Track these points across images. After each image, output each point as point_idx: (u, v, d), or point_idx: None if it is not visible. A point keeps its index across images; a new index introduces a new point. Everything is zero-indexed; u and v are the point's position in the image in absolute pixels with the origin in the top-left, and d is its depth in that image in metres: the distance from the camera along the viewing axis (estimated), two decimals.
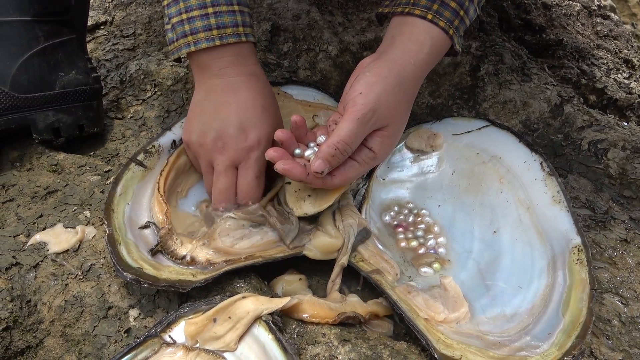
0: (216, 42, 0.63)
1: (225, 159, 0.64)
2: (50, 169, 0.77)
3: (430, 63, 0.64)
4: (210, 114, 0.64)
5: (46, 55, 0.77)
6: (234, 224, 0.66)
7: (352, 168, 0.60)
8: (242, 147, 0.64)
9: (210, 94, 0.65)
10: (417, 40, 0.61)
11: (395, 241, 0.71)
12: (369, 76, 0.58)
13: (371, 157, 0.60)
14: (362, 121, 0.56)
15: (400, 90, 0.59)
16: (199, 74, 0.66)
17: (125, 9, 1.14)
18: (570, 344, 0.52)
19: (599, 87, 1.02)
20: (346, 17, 1.03)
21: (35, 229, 0.68)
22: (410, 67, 0.60)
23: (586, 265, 0.59)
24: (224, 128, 0.63)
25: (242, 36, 0.64)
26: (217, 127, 0.64)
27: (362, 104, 0.56)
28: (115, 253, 0.58)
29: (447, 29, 0.62)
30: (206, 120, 0.65)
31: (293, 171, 0.57)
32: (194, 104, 0.67)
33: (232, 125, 0.63)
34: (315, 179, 0.58)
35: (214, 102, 0.65)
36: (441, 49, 0.64)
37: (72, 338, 0.58)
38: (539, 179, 0.68)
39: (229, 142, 0.63)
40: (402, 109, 0.61)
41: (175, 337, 0.53)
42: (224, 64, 0.64)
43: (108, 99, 0.94)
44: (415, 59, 0.61)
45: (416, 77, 0.62)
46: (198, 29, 0.62)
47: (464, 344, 0.54)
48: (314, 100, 0.85)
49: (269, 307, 0.53)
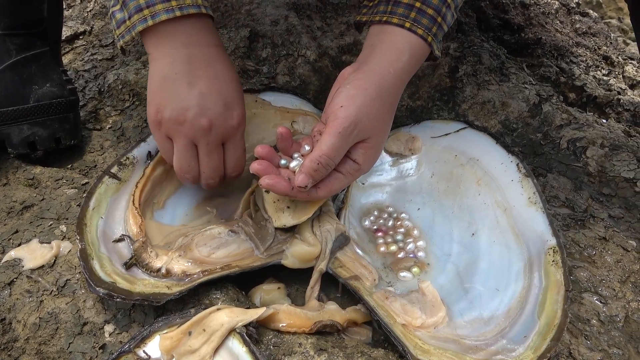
0: (176, 12, 0.59)
1: (214, 139, 0.63)
2: (27, 183, 0.77)
3: (410, 71, 0.64)
4: (185, 88, 0.60)
5: (19, 69, 0.76)
6: (212, 232, 0.66)
7: (337, 180, 0.60)
8: (229, 126, 0.63)
9: (178, 65, 0.61)
10: (396, 49, 0.61)
11: (375, 246, 0.71)
12: (349, 89, 0.58)
13: (355, 168, 0.60)
14: (344, 135, 0.56)
15: (381, 101, 0.59)
16: (159, 45, 0.61)
17: (104, 18, 1.13)
18: (545, 346, 0.52)
19: (578, 85, 1.03)
20: (325, 22, 1.03)
21: (10, 245, 0.67)
22: (390, 77, 0.60)
23: (561, 266, 0.59)
24: (208, 106, 0.61)
25: (201, 7, 0.61)
26: (199, 103, 0.60)
27: (343, 117, 0.56)
28: (87, 268, 0.57)
29: (426, 36, 0.62)
30: (183, 96, 0.60)
31: (277, 186, 0.57)
32: (158, 78, 0.62)
33: (217, 103, 0.61)
34: (299, 192, 0.58)
35: (188, 75, 0.61)
36: (420, 56, 0.64)
37: (48, 356, 0.58)
38: (515, 180, 0.68)
39: (216, 121, 0.61)
40: (383, 119, 0.61)
41: (149, 352, 0.53)
42: (189, 34, 0.61)
43: (86, 110, 0.93)
44: (395, 68, 0.60)
45: (396, 87, 0.62)
46: (155, 1, 0.59)
47: (441, 349, 0.54)
48: (293, 106, 0.84)
49: (243, 319, 0.53)
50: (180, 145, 0.63)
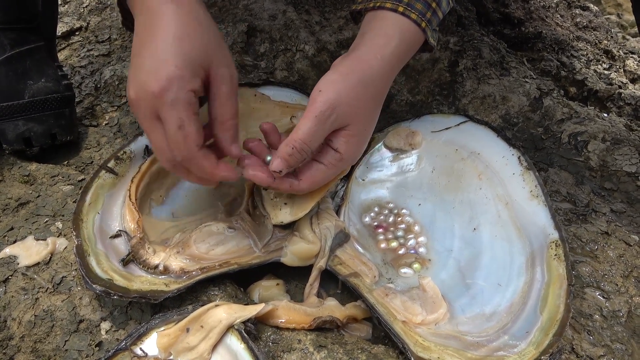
0: None
1: (142, 113, 0.53)
2: (22, 180, 0.76)
3: (401, 57, 0.62)
4: (133, 61, 0.54)
5: (13, 64, 0.75)
6: (211, 229, 0.65)
7: (319, 171, 0.59)
8: (150, 92, 0.51)
9: (136, 35, 0.55)
10: (386, 34, 0.60)
11: (375, 242, 0.70)
12: (330, 74, 0.57)
13: (337, 158, 0.59)
14: (320, 119, 0.55)
15: (364, 88, 0.58)
16: (133, 14, 0.57)
17: (100, 14, 1.12)
18: (548, 342, 0.51)
19: (579, 79, 1.02)
20: (323, 16, 1.02)
21: (6, 242, 0.66)
22: (376, 63, 0.58)
23: (564, 260, 0.58)
24: (135, 75, 0.53)
25: None
26: (131, 77, 0.53)
27: (321, 101, 0.55)
28: (84, 265, 0.56)
29: (419, 21, 0.60)
30: (132, 67, 0.54)
31: (259, 176, 0.56)
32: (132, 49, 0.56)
33: (143, 70, 0.52)
34: (281, 183, 0.57)
35: (136, 45, 0.54)
36: (413, 43, 0.62)
37: (43, 354, 0.57)
38: (517, 173, 0.68)
39: (139, 90, 0.52)
40: (366, 107, 0.59)
41: (146, 350, 0.52)
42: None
43: (83, 106, 0.92)
44: (383, 54, 0.59)
45: (384, 73, 0.60)
46: None
47: (442, 346, 0.53)
48: (292, 101, 0.84)
49: (241, 315, 0.52)
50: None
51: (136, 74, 0.53)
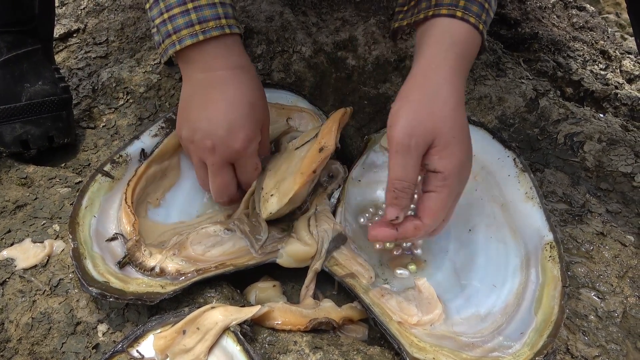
0: (199, 37, 0.61)
1: (217, 160, 0.64)
2: (20, 183, 0.76)
3: (465, 63, 0.59)
4: (197, 111, 0.64)
5: (10, 67, 0.75)
6: (207, 231, 0.65)
7: (431, 200, 0.56)
8: (233, 149, 0.63)
9: (196, 89, 0.64)
10: (447, 42, 0.58)
11: (371, 243, 0.70)
12: (393, 105, 0.57)
13: (441, 178, 0.56)
14: (403, 152, 0.55)
15: (430, 100, 0.56)
16: (186, 68, 0.65)
17: (97, 15, 1.12)
18: (542, 343, 0.52)
19: (575, 80, 1.02)
20: (320, 17, 1.02)
21: (3, 244, 0.66)
22: (436, 74, 0.57)
23: (558, 262, 0.58)
24: (211, 129, 0.62)
25: (225, 28, 0.62)
26: (204, 127, 0.63)
27: (394, 136, 0.55)
28: (80, 267, 0.57)
29: (477, 24, 0.58)
30: (194, 118, 0.64)
31: (380, 233, 0.58)
32: (182, 99, 0.66)
33: (221, 127, 0.62)
34: (406, 229, 0.57)
35: (201, 98, 0.64)
36: (473, 46, 0.60)
37: (41, 356, 0.57)
38: (512, 175, 0.68)
39: (218, 144, 0.62)
40: (442, 115, 0.56)
41: (143, 352, 0.52)
42: (209, 58, 0.63)
43: (80, 108, 0.92)
44: (441, 59, 0.57)
45: (448, 79, 0.57)
46: (180, 27, 0.61)
47: (437, 347, 0.53)
48: (288, 103, 0.84)
49: (237, 317, 0.53)
50: (194, 161, 0.67)
51: (208, 127, 0.62)
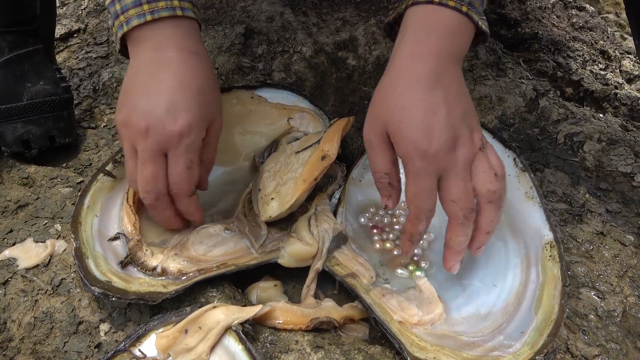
0: (147, 17, 0.57)
1: (149, 146, 0.56)
2: (21, 182, 0.76)
3: (450, 49, 0.55)
4: (139, 91, 0.57)
5: (11, 67, 0.75)
6: (208, 231, 0.65)
7: (406, 187, 0.55)
8: (168, 131, 0.56)
9: (141, 69, 0.58)
10: (422, 29, 0.55)
11: (371, 243, 0.70)
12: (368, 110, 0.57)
13: (404, 163, 0.55)
14: (368, 147, 0.56)
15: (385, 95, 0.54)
16: (135, 50, 0.59)
17: (98, 15, 1.13)
18: (542, 342, 0.52)
19: (575, 80, 1.02)
20: (320, 18, 1.02)
21: (5, 244, 0.66)
22: (394, 62, 0.55)
23: (558, 261, 0.58)
24: (150, 108, 0.56)
25: (177, 10, 0.58)
26: (142, 106, 0.56)
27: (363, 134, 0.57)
28: (82, 267, 0.57)
29: (459, 7, 0.54)
30: (134, 99, 0.57)
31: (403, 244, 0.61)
32: (125, 82, 0.60)
33: (161, 106, 0.56)
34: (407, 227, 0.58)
35: (145, 78, 0.58)
36: (458, 32, 0.55)
37: (43, 355, 0.57)
38: (512, 175, 0.68)
39: (153, 126, 0.56)
40: (393, 103, 0.53)
41: (145, 351, 0.53)
42: (161, 38, 0.58)
43: (81, 108, 0.93)
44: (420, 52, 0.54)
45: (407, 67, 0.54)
46: (128, 6, 0.57)
47: (438, 346, 0.54)
48: (289, 103, 0.84)
49: (239, 317, 0.53)
50: (126, 151, 0.59)
51: (147, 105, 0.56)
